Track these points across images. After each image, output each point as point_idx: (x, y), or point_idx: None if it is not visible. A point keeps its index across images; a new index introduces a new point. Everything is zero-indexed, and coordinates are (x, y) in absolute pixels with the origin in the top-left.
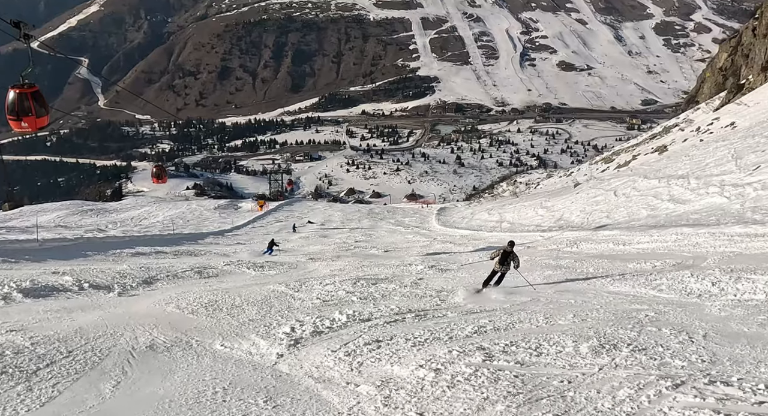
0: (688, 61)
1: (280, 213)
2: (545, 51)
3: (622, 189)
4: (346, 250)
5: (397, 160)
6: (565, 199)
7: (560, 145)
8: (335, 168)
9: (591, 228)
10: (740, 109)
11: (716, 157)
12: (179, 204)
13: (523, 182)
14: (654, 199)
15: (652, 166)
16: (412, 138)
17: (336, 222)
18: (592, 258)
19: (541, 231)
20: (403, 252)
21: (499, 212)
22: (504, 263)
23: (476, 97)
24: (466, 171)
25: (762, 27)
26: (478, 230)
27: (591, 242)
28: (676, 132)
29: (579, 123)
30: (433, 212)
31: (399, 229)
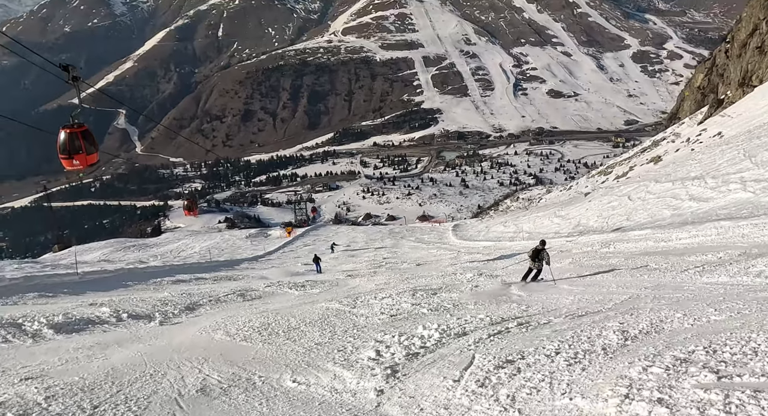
0: (663, 85)
1: (307, 237)
2: (535, 81)
3: (636, 193)
4: (379, 266)
5: (408, 185)
6: (578, 207)
7: (554, 164)
8: (352, 196)
9: (616, 230)
10: (725, 121)
11: (727, 157)
12: (213, 235)
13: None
14: (674, 200)
15: (659, 171)
16: (420, 165)
17: (360, 243)
18: (640, 256)
19: (564, 237)
20: (435, 265)
21: (515, 223)
22: (536, 259)
23: (476, 125)
24: (471, 192)
25: (734, 49)
26: (498, 240)
27: (624, 242)
28: (667, 144)
29: (569, 144)
30: (448, 228)
31: (421, 245)
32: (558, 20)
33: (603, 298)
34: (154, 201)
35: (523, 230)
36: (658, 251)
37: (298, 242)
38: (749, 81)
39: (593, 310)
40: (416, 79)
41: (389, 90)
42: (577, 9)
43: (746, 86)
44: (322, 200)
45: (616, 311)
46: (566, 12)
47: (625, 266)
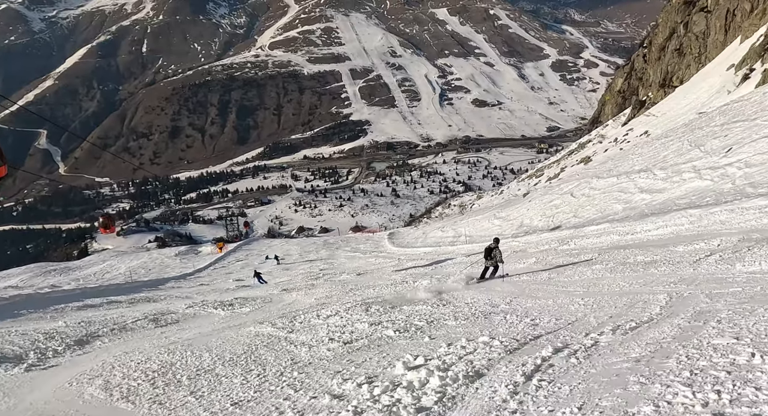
0: (581, 92)
1: (240, 252)
2: (460, 91)
3: (579, 190)
4: (316, 278)
5: (340, 197)
6: (519, 208)
7: (482, 171)
8: (284, 209)
9: (567, 228)
10: (650, 120)
11: (672, 149)
12: (140, 254)
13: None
14: (623, 194)
15: (599, 168)
16: (351, 176)
17: (294, 255)
18: (614, 250)
19: (510, 237)
20: (378, 274)
21: (453, 228)
22: (488, 257)
23: (404, 136)
24: (402, 201)
25: (653, 53)
26: (439, 246)
27: (583, 238)
28: (594, 145)
29: (495, 151)
30: (384, 237)
31: (358, 255)
32: (480, 32)
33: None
34: (80, 223)
35: (463, 234)
36: (632, 244)
37: (230, 257)
38: (670, 82)
39: (642, 320)
40: (344, 91)
41: (318, 103)
42: (497, 21)
43: (667, 87)
44: (255, 215)
45: (682, 319)
46: (487, 24)
47: (610, 261)
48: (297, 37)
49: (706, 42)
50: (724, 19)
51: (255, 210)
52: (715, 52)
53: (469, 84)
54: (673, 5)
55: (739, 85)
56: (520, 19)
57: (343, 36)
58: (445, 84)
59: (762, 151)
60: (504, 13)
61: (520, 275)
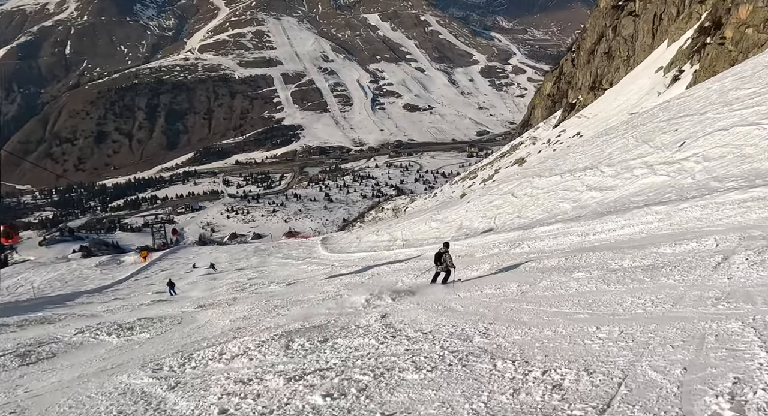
0: (510, 97)
1: (165, 261)
2: (392, 96)
3: (520, 190)
4: (242, 290)
5: (273, 202)
6: (457, 209)
7: (413, 175)
8: (216, 216)
9: (513, 229)
10: (581, 121)
11: (617, 146)
12: (58, 266)
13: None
14: (569, 192)
15: (539, 167)
16: (283, 181)
17: (224, 263)
18: (582, 253)
19: (452, 240)
20: (310, 284)
21: (388, 231)
22: (438, 262)
23: (337, 140)
24: (335, 206)
25: (581, 57)
26: (374, 250)
27: (536, 240)
28: (527, 147)
29: (427, 155)
30: (317, 242)
31: (290, 262)
32: (411, 37)
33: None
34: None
35: (399, 238)
36: (600, 245)
37: (154, 267)
38: (599, 84)
39: None
40: (276, 95)
41: (249, 107)
42: (428, 27)
43: (597, 89)
44: (185, 222)
45: None
46: (418, 30)
47: (589, 267)
48: (228, 40)
49: (635, 45)
50: (652, 23)
51: (186, 217)
52: (643, 55)
53: (401, 89)
54: (601, 10)
55: (670, 86)
56: (450, 26)
57: (275, 40)
58: (377, 89)
59: (719, 144)
60: (434, 20)
61: (481, 287)
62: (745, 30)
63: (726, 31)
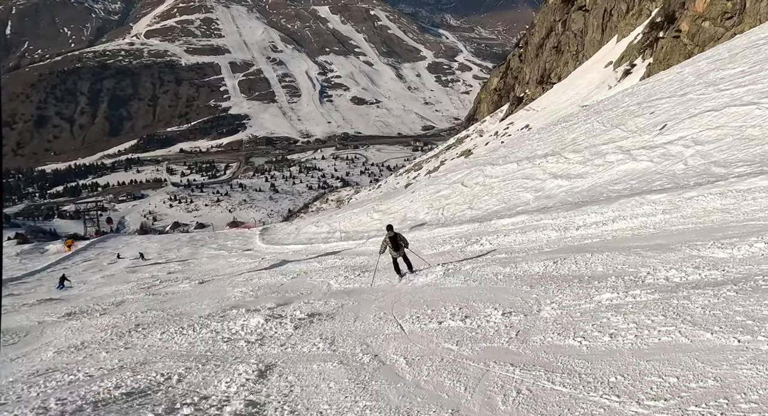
0: (455, 94)
1: (91, 251)
2: (340, 88)
3: (471, 178)
4: (148, 288)
5: (217, 191)
6: (401, 200)
7: (359, 168)
8: (158, 204)
9: (465, 221)
10: (530, 114)
11: (579, 132)
12: None
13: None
14: (529, 181)
15: (490, 155)
16: (229, 171)
17: (153, 254)
18: (577, 254)
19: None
20: (223, 283)
21: (328, 223)
22: (397, 248)
23: (284, 131)
24: (281, 196)
25: (529, 53)
26: (310, 243)
27: (496, 235)
28: (474, 139)
29: (373, 148)
30: (256, 233)
31: (222, 253)
32: (360, 31)
33: None
34: None
35: (338, 229)
36: (596, 245)
37: (77, 257)
38: (548, 79)
39: None
40: (223, 84)
41: (195, 95)
42: (377, 22)
43: (545, 83)
44: (126, 210)
45: None
46: (368, 24)
47: (615, 278)
48: (175, 26)
49: (584, 40)
50: (602, 19)
51: (127, 205)
52: (592, 50)
53: (349, 82)
54: (550, 6)
55: (621, 80)
56: (399, 21)
57: (224, 28)
58: (325, 81)
59: (711, 126)
60: (384, 14)
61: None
62: (701, 23)
63: (681, 25)
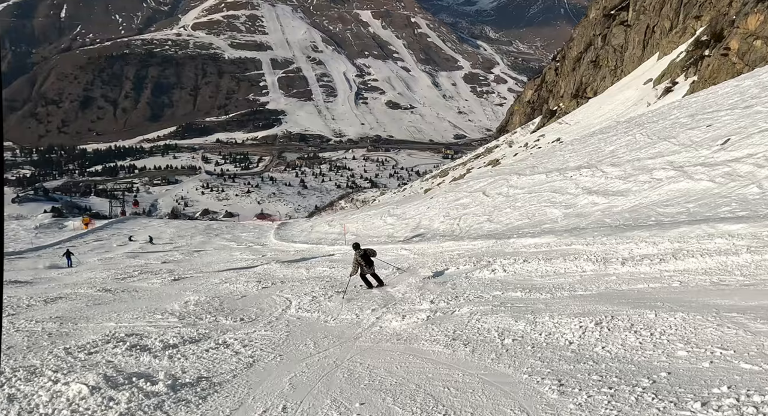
0: (489, 105)
1: (107, 231)
2: (376, 92)
3: (494, 188)
4: (122, 279)
5: (248, 183)
6: (418, 205)
7: (389, 171)
8: (191, 190)
9: (482, 236)
10: (562, 127)
11: (620, 144)
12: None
13: (359, 199)
14: (558, 195)
15: (517, 165)
16: (261, 164)
17: (165, 239)
18: (637, 309)
19: (401, 242)
20: (197, 282)
21: (342, 223)
22: (369, 265)
23: (318, 129)
24: (309, 192)
25: (566, 66)
26: (318, 243)
27: (514, 259)
28: (503, 149)
29: (404, 152)
30: (273, 227)
31: (231, 246)
32: (400, 37)
33: None
34: None
35: (350, 231)
36: (673, 299)
37: (91, 236)
38: (583, 93)
39: None
40: (263, 79)
41: (235, 88)
42: (417, 29)
43: (580, 98)
44: (160, 194)
45: None
46: (408, 31)
47: None
48: (221, 20)
49: (623, 56)
50: (644, 35)
51: (161, 189)
52: (631, 66)
53: (385, 86)
54: (590, 20)
55: (661, 97)
56: (439, 30)
57: (268, 25)
58: (362, 83)
59: None
60: (425, 23)
61: None
62: (753, 41)
63: (731, 43)
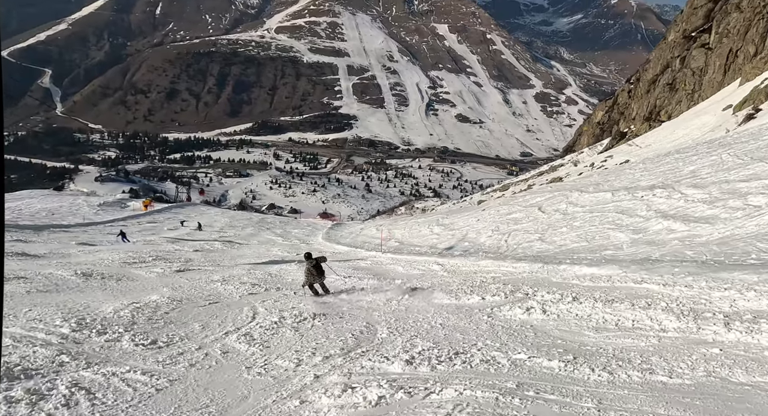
0: (558, 125)
1: (164, 214)
2: (447, 104)
3: (551, 204)
4: (130, 264)
5: (315, 182)
6: (468, 217)
7: (453, 182)
8: (260, 185)
9: (529, 258)
10: (632, 149)
11: (702, 164)
12: (66, 197)
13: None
14: (626, 217)
15: (580, 181)
16: (329, 165)
17: (216, 227)
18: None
19: (436, 255)
20: (197, 275)
21: (389, 228)
22: (321, 274)
23: (387, 136)
24: (373, 196)
25: (640, 89)
26: (360, 247)
27: (560, 292)
28: (568, 167)
29: (469, 165)
30: (326, 226)
31: (277, 240)
32: (474, 53)
33: None
34: (65, 163)
35: (394, 237)
36: None
37: (147, 217)
38: (657, 116)
39: None
40: (338, 84)
41: (311, 91)
42: (492, 46)
43: (653, 121)
44: (231, 185)
45: None
46: (483, 46)
47: None
48: (303, 26)
49: (702, 80)
50: (726, 59)
51: (232, 181)
52: (710, 90)
53: (456, 99)
54: (669, 42)
55: (742, 124)
56: (514, 48)
57: (347, 33)
58: (433, 95)
59: None
60: (500, 40)
61: None
62: None
63: None
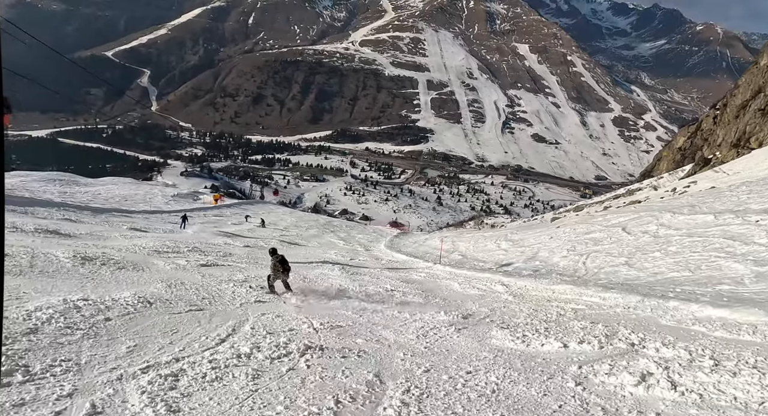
0: (635, 151)
1: (232, 209)
2: (523, 123)
3: (637, 225)
4: (160, 253)
5: (388, 191)
6: (540, 233)
7: (524, 201)
8: (335, 190)
9: (609, 285)
10: (718, 176)
11: None
12: (142, 186)
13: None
14: (738, 244)
15: (669, 202)
16: (403, 176)
17: (281, 226)
18: None
19: (502, 274)
20: (219, 272)
21: (453, 241)
22: (285, 271)
23: (462, 151)
24: (444, 209)
25: (727, 115)
26: (419, 257)
27: (693, 348)
28: (646, 192)
29: (542, 185)
30: (392, 234)
31: (338, 243)
32: (554, 74)
33: None
34: (155, 157)
35: (458, 250)
36: None
37: (215, 211)
38: (746, 143)
39: None
40: (417, 98)
41: (390, 103)
42: (572, 67)
43: (742, 147)
44: (307, 188)
45: None
46: (563, 68)
47: None
48: (386, 40)
49: None
50: None
51: (309, 185)
52: None
53: (533, 118)
54: (760, 67)
55: None
56: (594, 71)
57: (428, 49)
58: (510, 113)
59: None
60: (580, 62)
61: None
62: None
63: None
